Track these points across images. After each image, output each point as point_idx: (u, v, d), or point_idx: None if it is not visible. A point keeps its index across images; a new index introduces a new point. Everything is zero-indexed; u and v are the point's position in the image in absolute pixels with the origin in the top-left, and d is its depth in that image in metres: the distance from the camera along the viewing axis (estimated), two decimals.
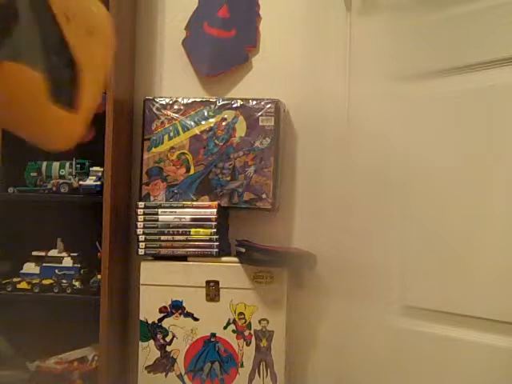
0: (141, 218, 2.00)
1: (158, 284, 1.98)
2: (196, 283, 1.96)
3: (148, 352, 1.99)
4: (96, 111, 0.38)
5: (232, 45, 2.18)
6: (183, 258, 1.98)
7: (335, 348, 1.91)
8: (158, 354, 1.98)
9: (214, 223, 1.97)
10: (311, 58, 2.08)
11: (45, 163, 2.17)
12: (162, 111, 2.07)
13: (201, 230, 1.98)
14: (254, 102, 2.03)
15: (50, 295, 2.09)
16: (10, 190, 2.13)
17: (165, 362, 1.99)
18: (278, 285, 1.93)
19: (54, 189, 2.12)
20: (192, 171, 2.05)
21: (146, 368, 1.99)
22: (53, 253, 2.16)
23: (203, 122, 2.05)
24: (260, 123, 2.02)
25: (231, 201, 2.03)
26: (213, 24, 2.19)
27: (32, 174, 2.17)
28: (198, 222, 1.98)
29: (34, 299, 2.10)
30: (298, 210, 2.14)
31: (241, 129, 2.04)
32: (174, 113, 2.07)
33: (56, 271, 2.14)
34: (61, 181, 2.13)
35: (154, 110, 2.08)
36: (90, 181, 2.10)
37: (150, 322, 1.98)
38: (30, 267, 2.16)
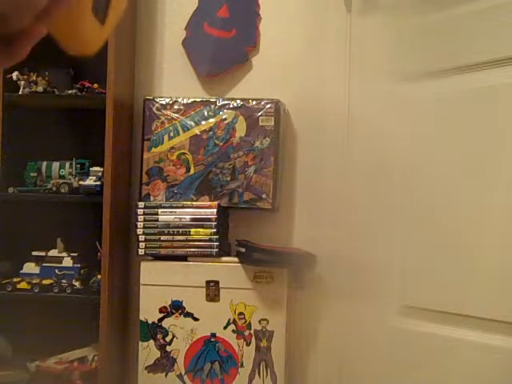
0: (141, 218, 2.00)
1: (158, 284, 1.98)
2: (196, 283, 1.96)
3: (148, 352, 1.99)
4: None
5: (232, 45, 2.18)
6: (183, 258, 1.98)
7: (335, 348, 1.91)
8: (158, 353, 1.98)
9: (214, 223, 1.97)
10: (311, 58, 2.08)
11: (45, 163, 2.17)
12: (162, 111, 2.07)
13: (201, 230, 1.98)
14: (254, 102, 2.03)
15: (49, 295, 2.09)
16: (10, 190, 2.13)
17: (165, 362, 1.99)
18: (278, 285, 1.93)
19: (54, 189, 2.12)
20: (192, 171, 2.05)
21: (146, 368, 1.99)
22: (53, 253, 2.16)
23: (203, 122, 2.05)
24: (260, 123, 2.02)
25: (231, 201, 2.03)
26: (213, 24, 2.19)
27: (32, 174, 2.17)
28: (198, 222, 1.98)
29: (34, 299, 2.10)
30: (298, 210, 2.14)
31: (241, 129, 2.03)
32: (173, 113, 2.07)
33: (56, 271, 2.13)
34: (61, 181, 2.13)
35: (154, 109, 2.08)
36: (90, 181, 2.10)
37: (150, 321, 1.98)
38: (29, 267, 2.16)
